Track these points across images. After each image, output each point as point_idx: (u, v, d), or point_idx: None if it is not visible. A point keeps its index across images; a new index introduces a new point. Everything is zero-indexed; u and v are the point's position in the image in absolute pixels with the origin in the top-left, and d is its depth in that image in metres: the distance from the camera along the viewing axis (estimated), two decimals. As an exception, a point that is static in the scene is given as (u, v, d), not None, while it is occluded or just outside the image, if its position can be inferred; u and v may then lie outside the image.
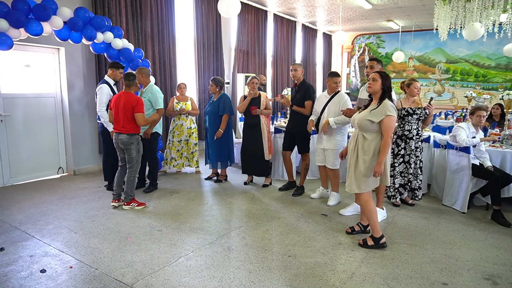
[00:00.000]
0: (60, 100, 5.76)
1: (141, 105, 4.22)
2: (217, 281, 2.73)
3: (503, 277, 2.83)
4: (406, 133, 4.31)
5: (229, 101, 5.31)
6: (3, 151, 5.15)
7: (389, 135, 3.15)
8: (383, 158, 3.14)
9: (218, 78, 5.35)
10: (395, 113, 3.19)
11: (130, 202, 4.28)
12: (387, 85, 3.24)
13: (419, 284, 2.72)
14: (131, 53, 5.12)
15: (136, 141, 4.26)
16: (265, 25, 9.92)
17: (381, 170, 3.15)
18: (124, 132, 4.19)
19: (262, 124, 5.07)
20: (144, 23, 6.51)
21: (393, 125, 3.21)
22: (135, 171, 4.31)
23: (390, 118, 3.15)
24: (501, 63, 11.59)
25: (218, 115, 5.24)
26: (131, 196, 4.29)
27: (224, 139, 5.33)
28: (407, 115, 4.25)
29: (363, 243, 3.34)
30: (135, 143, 4.25)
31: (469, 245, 3.41)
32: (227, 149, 5.41)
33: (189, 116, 5.82)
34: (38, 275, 2.79)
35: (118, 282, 2.70)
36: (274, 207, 4.38)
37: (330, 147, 4.37)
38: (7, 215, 4.03)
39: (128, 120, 4.17)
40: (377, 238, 3.29)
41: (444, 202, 4.52)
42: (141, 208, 4.28)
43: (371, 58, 4.19)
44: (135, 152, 4.26)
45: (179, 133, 5.80)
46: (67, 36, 4.51)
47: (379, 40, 13.56)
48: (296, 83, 4.81)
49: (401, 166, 4.40)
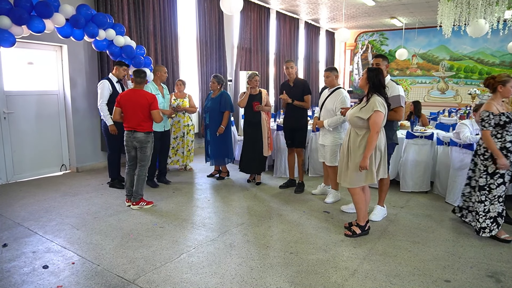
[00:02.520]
0: (62, 97, 5.78)
1: (157, 101, 4.18)
2: (218, 277, 2.72)
3: (506, 275, 2.82)
4: (508, 145, 3.29)
5: (230, 98, 5.33)
6: (7, 148, 5.17)
7: (376, 130, 3.18)
8: (367, 153, 3.21)
9: (220, 76, 5.35)
10: (383, 109, 3.21)
11: (139, 202, 4.20)
12: (375, 81, 3.25)
13: (421, 281, 2.70)
14: (133, 50, 5.12)
15: (152, 139, 4.23)
16: (267, 23, 9.89)
17: (365, 164, 3.21)
18: (141, 130, 4.11)
19: (263, 121, 5.06)
20: (146, 21, 6.50)
21: (380, 121, 3.21)
22: (146, 169, 4.26)
23: (377, 114, 3.17)
24: (505, 60, 11.50)
25: (219, 112, 5.23)
26: (140, 195, 4.21)
27: (225, 136, 5.35)
28: (509, 122, 3.27)
29: (352, 234, 3.43)
30: (151, 141, 4.22)
31: (472, 242, 3.39)
32: (228, 146, 5.43)
33: (186, 113, 5.81)
34: (40, 271, 2.80)
35: (120, 278, 2.71)
36: (276, 204, 4.38)
37: (328, 143, 4.36)
38: (10, 211, 4.05)
39: (145, 118, 4.10)
40: (362, 226, 3.44)
41: (447, 200, 4.49)
42: (149, 206, 4.23)
43: (376, 55, 3.98)
44: (150, 150, 4.22)
45: (175, 130, 5.78)
46: (69, 33, 4.51)
47: (382, 37, 13.49)
48: (288, 80, 4.83)
49: (499, 189, 3.35)
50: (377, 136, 3.22)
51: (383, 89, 3.32)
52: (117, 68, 4.83)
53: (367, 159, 3.21)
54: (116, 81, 4.86)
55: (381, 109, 3.18)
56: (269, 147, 5.17)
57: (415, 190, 4.86)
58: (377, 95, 3.25)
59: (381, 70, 3.38)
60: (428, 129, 5.62)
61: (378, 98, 3.23)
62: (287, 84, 4.85)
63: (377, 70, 3.33)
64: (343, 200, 4.52)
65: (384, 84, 3.33)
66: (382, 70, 3.39)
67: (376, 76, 3.27)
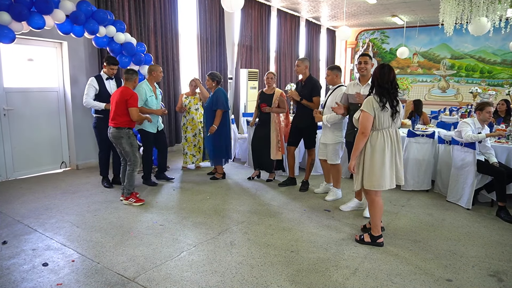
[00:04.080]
0: (63, 94, 5.75)
1: (135, 99, 4.17)
2: (219, 276, 2.71)
3: (508, 274, 2.80)
4: None
5: (223, 96, 5.10)
6: (6, 145, 5.15)
7: (361, 131, 3.07)
8: (354, 154, 3.15)
9: (215, 73, 5.21)
10: (370, 110, 3.03)
11: (128, 197, 4.23)
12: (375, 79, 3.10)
13: (423, 280, 2.69)
14: (134, 47, 5.09)
15: (126, 135, 4.18)
16: (268, 20, 9.86)
17: (351, 166, 3.17)
18: (113, 125, 4.17)
19: (272, 122, 4.98)
20: (147, 18, 6.48)
21: (364, 122, 3.05)
22: (134, 165, 4.24)
23: (362, 114, 3.09)
24: (506, 59, 11.47)
25: (212, 110, 5.11)
26: (129, 190, 4.25)
27: (219, 136, 5.16)
28: None
29: (359, 239, 3.32)
30: (125, 137, 4.18)
31: (473, 241, 3.38)
32: (223, 146, 5.23)
33: (198, 110, 5.80)
34: (40, 269, 2.78)
35: (120, 276, 2.70)
36: (276, 203, 4.37)
37: (329, 141, 4.35)
38: (10, 208, 4.04)
39: (119, 113, 4.12)
40: (375, 236, 3.26)
41: (448, 199, 4.48)
42: (139, 204, 4.19)
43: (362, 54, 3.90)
44: (128, 146, 4.19)
45: (192, 128, 5.76)
46: (70, 30, 4.49)
47: (383, 35, 13.44)
48: (302, 79, 4.77)
49: None
50: (362, 137, 3.07)
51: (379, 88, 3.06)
52: (105, 65, 4.80)
53: (353, 160, 3.15)
54: (106, 78, 4.79)
55: (368, 109, 3.04)
56: (278, 150, 5.02)
57: (416, 188, 4.85)
58: (373, 95, 3.09)
59: (383, 65, 3.13)
60: (429, 128, 5.61)
61: (370, 98, 3.08)
62: (299, 82, 4.83)
63: (379, 67, 3.12)
64: (344, 198, 4.50)
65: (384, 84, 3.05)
66: (392, 68, 3.12)
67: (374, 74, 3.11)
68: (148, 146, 4.94)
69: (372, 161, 3.12)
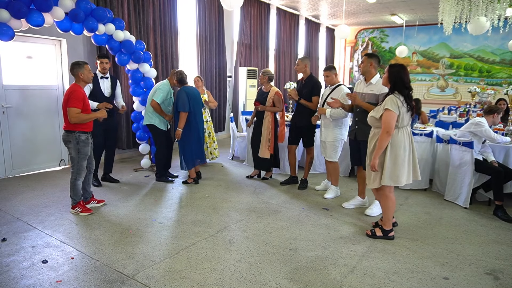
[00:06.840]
0: (62, 92, 5.74)
1: (76, 98, 3.57)
2: (217, 273, 2.73)
3: (504, 272, 2.83)
4: None
5: (183, 96, 4.73)
6: (5, 143, 5.15)
7: (385, 130, 3.10)
8: (377, 153, 3.16)
9: (179, 71, 4.91)
10: (395, 108, 3.08)
11: (74, 207, 3.83)
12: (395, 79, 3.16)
13: (420, 278, 2.71)
14: (133, 45, 5.08)
15: (74, 139, 3.68)
16: (267, 19, 9.85)
17: (374, 164, 3.17)
18: (63, 128, 3.75)
19: (264, 120, 4.99)
20: (146, 15, 6.47)
21: (389, 120, 3.08)
22: (77, 173, 3.78)
23: (387, 113, 3.10)
24: (505, 58, 11.49)
25: (177, 111, 4.82)
26: (74, 200, 3.83)
27: (188, 138, 4.88)
28: None
29: (371, 234, 3.39)
30: (74, 142, 3.69)
31: (470, 240, 3.40)
32: (193, 149, 4.93)
33: (206, 109, 5.78)
34: (39, 266, 2.79)
35: (119, 273, 2.71)
36: (275, 201, 4.38)
37: (328, 139, 4.37)
38: (9, 206, 4.04)
39: (65, 115, 3.67)
40: (386, 231, 3.36)
41: (446, 197, 4.50)
42: (85, 215, 3.80)
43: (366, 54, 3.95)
44: (74, 152, 3.72)
45: None
46: (69, 28, 4.48)
47: (382, 34, 13.45)
48: (302, 78, 4.78)
49: None
50: (387, 136, 3.10)
51: (405, 89, 3.14)
52: (97, 62, 4.79)
53: (376, 159, 3.16)
54: (101, 77, 4.76)
55: (392, 108, 3.07)
56: (267, 148, 4.98)
57: (414, 187, 4.87)
58: (394, 94, 3.14)
59: (403, 66, 3.20)
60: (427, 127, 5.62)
61: (393, 96, 3.13)
62: (300, 81, 4.83)
63: (400, 67, 3.18)
64: (342, 196, 4.52)
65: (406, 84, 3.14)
66: (404, 67, 3.20)
67: (397, 74, 3.15)
68: (160, 143, 4.97)
69: (395, 158, 3.17)
